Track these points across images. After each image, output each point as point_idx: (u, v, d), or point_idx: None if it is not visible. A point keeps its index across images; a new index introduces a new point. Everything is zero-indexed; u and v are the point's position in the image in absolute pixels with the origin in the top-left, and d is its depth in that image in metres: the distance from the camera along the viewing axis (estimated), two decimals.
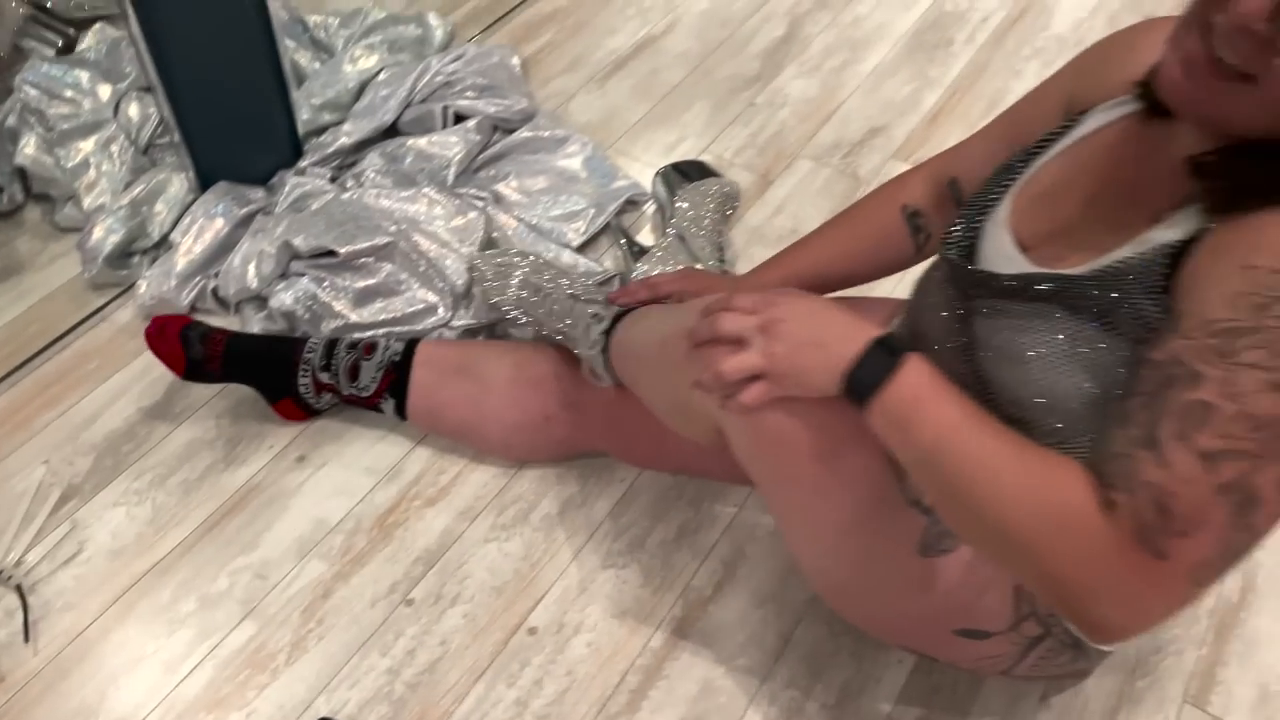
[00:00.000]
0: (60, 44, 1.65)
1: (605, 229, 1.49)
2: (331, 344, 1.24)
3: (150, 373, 1.32)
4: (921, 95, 1.73)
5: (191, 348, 1.20)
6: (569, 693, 1.09)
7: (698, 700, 1.08)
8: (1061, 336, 0.78)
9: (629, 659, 1.11)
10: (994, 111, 1.09)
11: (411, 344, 1.24)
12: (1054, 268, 0.80)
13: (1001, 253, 0.85)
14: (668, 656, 1.12)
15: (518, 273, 1.22)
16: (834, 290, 1.14)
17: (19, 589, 1.13)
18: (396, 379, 1.21)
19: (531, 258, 1.25)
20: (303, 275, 1.33)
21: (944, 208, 1.07)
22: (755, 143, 1.66)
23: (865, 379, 0.76)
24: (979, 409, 0.75)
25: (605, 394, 1.11)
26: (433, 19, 1.76)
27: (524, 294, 1.21)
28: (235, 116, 1.46)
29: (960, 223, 0.90)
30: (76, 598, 1.14)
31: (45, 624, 1.12)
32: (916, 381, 0.75)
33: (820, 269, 1.12)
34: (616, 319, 1.07)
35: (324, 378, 1.22)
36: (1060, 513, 0.67)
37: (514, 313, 1.22)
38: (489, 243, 1.39)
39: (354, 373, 1.22)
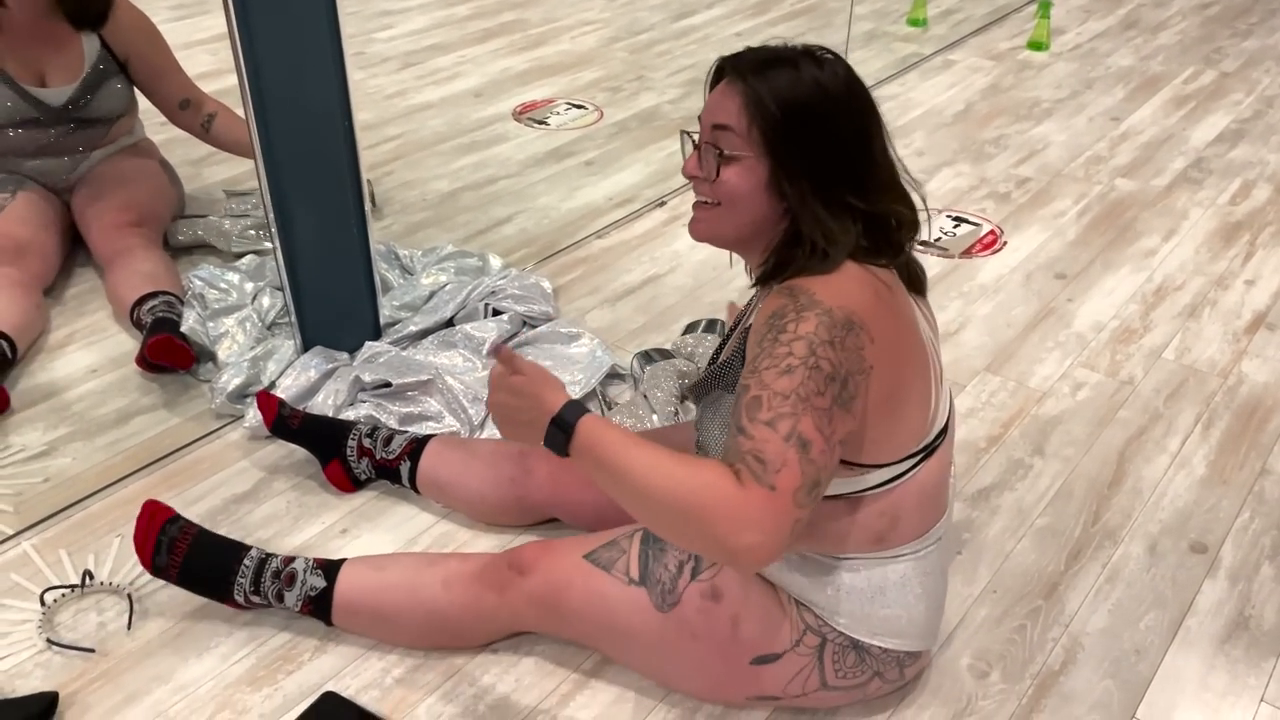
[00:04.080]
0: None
1: (590, 394, 1.96)
2: (378, 425, 1.72)
3: (243, 474, 1.79)
4: None
5: (284, 408, 1.71)
6: (515, 692, 1.42)
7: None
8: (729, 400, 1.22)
9: (556, 682, 1.45)
10: None
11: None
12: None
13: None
14: (584, 684, 1.45)
15: None
16: None
17: (129, 597, 1.55)
18: (416, 448, 1.66)
19: None
20: (365, 402, 1.81)
21: None
22: None
23: (553, 445, 1.08)
24: (635, 438, 1.05)
25: (553, 467, 1.54)
26: (492, 257, 2.35)
27: None
28: (336, 309, 2.02)
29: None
30: (168, 608, 1.55)
31: (143, 622, 1.53)
32: (590, 437, 1.05)
33: None
34: None
35: (366, 443, 1.69)
36: (707, 486, 0.99)
37: None
38: None
39: (388, 441, 1.68)
